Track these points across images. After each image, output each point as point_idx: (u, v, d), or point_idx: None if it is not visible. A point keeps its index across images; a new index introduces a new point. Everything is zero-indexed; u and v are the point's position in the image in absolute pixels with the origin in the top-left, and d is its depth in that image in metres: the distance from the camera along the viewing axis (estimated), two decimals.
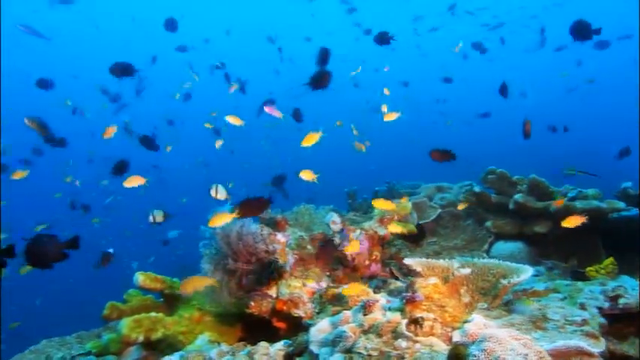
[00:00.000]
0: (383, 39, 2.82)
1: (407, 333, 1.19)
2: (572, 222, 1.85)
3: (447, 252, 2.88)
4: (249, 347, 1.61)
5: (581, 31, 2.41)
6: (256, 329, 1.89)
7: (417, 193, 4.44)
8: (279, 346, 1.50)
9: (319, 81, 2.23)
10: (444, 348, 1.12)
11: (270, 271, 1.82)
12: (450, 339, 1.20)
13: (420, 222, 2.91)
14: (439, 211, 3.14)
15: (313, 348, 1.39)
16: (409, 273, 2.55)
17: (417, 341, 1.16)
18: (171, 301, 2.07)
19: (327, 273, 2.19)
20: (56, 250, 1.38)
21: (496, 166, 2.91)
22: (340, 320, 1.42)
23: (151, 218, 2.29)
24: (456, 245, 2.91)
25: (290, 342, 1.55)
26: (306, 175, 2.21)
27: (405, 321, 1.25)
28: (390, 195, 4.40)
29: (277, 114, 2.88)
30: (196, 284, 1.63)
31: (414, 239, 2.85)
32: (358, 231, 2.25)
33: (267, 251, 1.84)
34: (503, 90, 2.88)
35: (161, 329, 1.72)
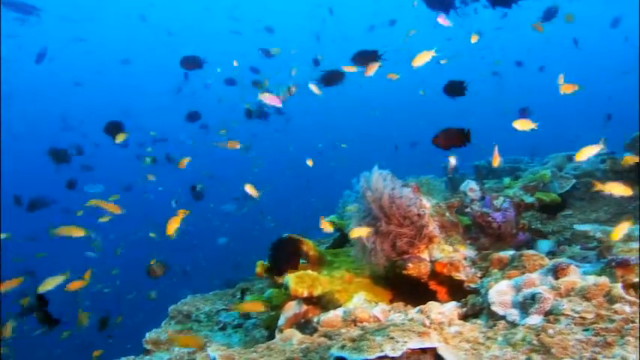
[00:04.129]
0: None
1: (629, 297, 1.09)
2: None
3: None
4: (411, 308, 1.62)
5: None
6: (405, 292, 1.89)
7: (520, 168, 4.11)
8: (452, 306, 1.48)
9: None
10: None
11: (422, 235, 1.80)
12: None
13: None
14: (574, 181, 2.87)
15: (496, 309, 1.34)
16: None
17: None
18: (314, 263, 2.14)
19: (468, 241, 2.11)
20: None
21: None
22: (524, 282, 1.35)
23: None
24: (598, 219, 2.65)
25: (460, 303, 1.52)
26: None
27: (619, 285, 1.15)
28: (490, 170, 4.14)
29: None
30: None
31: (550, 210, 2.65)
32: (502, 198, 2.13)
33: (419, 215, 1.81)
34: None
35: (319, 286, 1.79)
